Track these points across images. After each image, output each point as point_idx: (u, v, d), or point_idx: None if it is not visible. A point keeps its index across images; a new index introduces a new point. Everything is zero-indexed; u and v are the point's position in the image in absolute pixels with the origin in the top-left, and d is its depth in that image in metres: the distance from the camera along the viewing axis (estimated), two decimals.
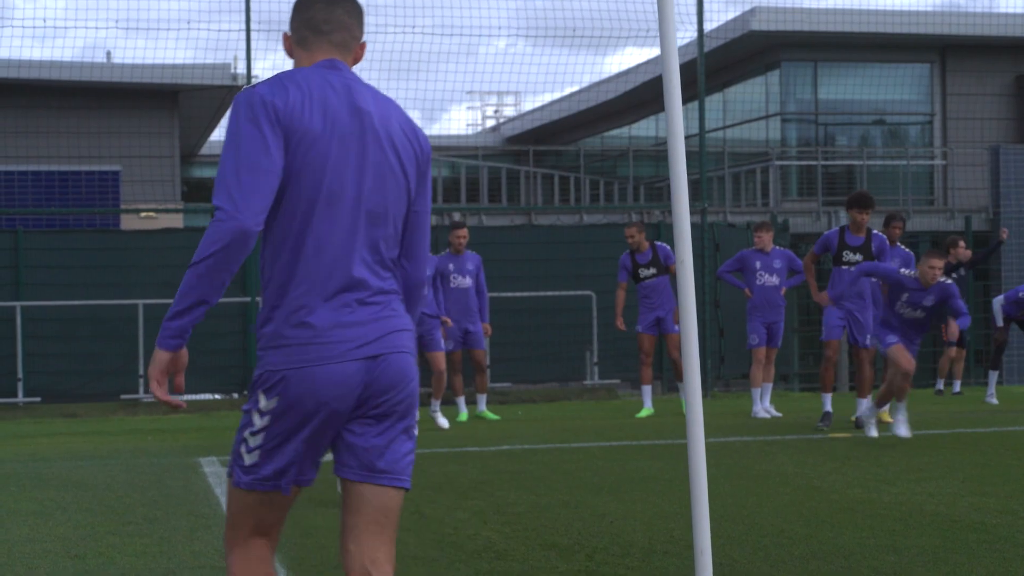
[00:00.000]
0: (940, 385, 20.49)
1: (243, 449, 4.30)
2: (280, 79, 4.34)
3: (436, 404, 16.32)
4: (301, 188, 4.25)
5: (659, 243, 17.10)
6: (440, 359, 16.24)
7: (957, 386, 20.39)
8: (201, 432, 16.11)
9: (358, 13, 4.53)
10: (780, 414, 16.84)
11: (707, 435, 12.78)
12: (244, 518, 4.41)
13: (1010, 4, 37.07)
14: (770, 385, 17.18)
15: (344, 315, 4.29)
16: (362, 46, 4.54)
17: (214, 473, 11.86)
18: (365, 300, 4.33)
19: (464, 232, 16.89)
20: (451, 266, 16.72)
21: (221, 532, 8.92)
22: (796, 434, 14.65)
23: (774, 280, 16.53)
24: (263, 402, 4.26)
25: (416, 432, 4.46)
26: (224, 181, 4.17)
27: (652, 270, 16.90)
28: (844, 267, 14.66)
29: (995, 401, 18.64)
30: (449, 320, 16.36)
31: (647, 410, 17.36)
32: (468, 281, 16.73)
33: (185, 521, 9.37)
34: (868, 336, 14.76)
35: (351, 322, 4.29)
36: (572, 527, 8.88)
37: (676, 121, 3.23)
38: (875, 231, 14.94)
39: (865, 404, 14.56)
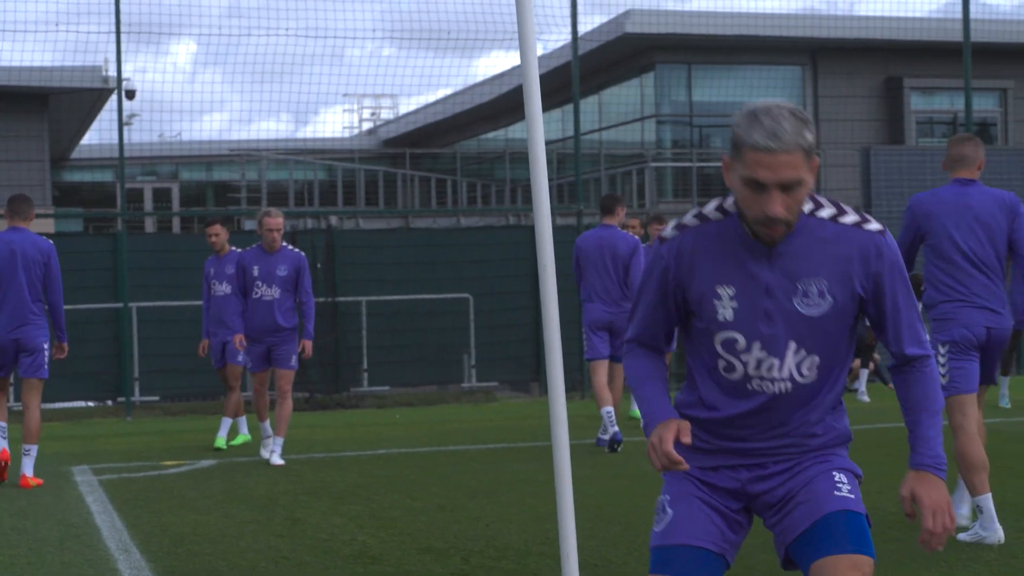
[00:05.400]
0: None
1: None
2: None
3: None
4: None
5: None
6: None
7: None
8: (73, 440, 15.81)
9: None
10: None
11: (579, 437, 12.79)
12: None
13: (876, 8, 37.67)
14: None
15: None
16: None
17: (86, 482, 11.68)
18: None
19: (217, 228, 14.07)
20: (213, 270, 14.24)
21: (92, 541, 8.80)
22: None
23: None
24: None
25: None
26: None
27: None
28: None
29: (866, 399, 18.90)
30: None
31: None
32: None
33: (56, 531, 9.24)
34: None
35: None
36: (448, 531, 8.88)
37: (536, 125, 3.26)
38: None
39: None
